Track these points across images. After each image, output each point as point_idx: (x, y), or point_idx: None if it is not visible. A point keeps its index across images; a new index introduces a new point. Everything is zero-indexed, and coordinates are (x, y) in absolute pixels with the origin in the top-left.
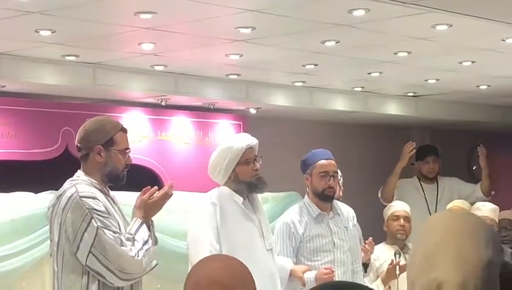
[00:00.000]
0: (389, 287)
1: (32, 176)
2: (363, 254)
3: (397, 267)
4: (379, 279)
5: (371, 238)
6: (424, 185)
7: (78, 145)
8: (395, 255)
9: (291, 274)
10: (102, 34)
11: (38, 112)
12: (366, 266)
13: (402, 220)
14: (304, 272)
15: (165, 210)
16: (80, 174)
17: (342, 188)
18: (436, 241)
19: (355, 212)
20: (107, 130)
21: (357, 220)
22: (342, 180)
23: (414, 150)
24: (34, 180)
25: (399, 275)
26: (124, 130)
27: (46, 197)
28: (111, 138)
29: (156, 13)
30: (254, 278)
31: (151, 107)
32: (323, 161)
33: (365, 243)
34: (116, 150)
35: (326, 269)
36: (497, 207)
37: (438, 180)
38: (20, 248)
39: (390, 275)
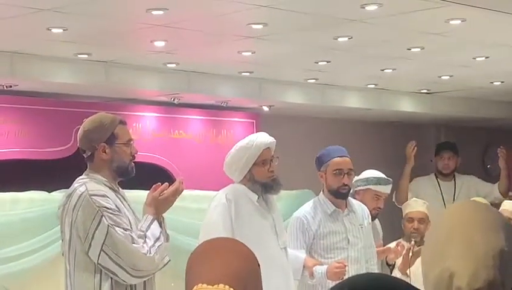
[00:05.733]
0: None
1: (45, 175)
2: (393, 255)
3: (410, 251)
4: (396, 269)
5: (403, 244)
6: (441, 182)
7: (81, 147)
8: (410, 242)
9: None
10: (114, 32)
11: (51, 111)
12: (393, 267)
13: (416, 223)
14: (314, 265)
15: (178, 208)
16: (88, 172)
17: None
18: (447, 231)
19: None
20: (106, 126)
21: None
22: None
23: (415, 149)
24: (47, 179)
25: (411, 258)
26: (123, 123)
27: (59, 196)
28: (112, 133)
29: (167, 10)
30: (267, 275)
31: (163, 105)
32: (337, 159)
33: (398, 245)
34: (120, 144)
35: (338, 263)
36: None
37: (455, 177)
38: (34, 247)
39: (405, 261)
